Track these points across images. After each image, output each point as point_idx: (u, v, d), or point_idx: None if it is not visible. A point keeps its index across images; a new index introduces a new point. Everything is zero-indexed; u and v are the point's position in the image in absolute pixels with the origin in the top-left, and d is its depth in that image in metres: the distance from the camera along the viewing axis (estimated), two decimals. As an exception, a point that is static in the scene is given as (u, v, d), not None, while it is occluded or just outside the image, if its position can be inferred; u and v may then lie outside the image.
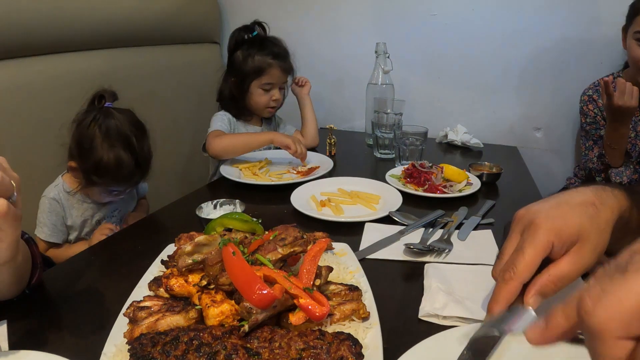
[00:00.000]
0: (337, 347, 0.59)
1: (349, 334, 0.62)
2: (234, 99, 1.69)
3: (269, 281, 0.66)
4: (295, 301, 0.65)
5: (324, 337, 0.61)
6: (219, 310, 0.65)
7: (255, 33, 1.66)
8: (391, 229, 1.05)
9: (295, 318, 0.64)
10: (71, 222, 1.33)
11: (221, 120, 1.64)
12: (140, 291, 0.75)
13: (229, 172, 1.44)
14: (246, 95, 1.67)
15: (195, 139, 1.64)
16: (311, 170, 1.50)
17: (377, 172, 1.52)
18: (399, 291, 0.82)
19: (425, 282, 0.81)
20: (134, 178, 1.27)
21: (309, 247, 0.76)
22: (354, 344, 0.60)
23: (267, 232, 0.83)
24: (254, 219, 0.86)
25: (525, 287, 0.58)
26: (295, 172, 1.49)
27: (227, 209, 1.09)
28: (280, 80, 1.67)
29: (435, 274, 0.82)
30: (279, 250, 0.73)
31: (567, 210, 0.60)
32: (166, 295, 0.73)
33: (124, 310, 0.69)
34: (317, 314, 0.63)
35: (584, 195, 0.61)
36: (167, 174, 1.94)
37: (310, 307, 0.64)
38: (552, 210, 0.59)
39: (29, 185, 1.38)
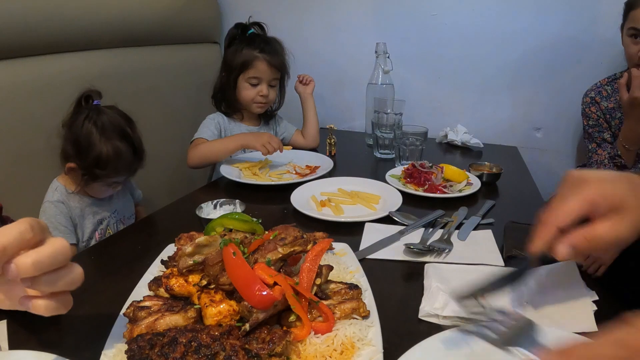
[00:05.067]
0: None
1: None
2: (224, 94, 1.69)
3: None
4: (300, 314, 0.66)
5: None
6: (216, 310, 0.65)
7: (251, 31, 1.66)
8: (391, 229, 1.05)
9: (303, 333, 0.65)
10: (75, 222, 1.33)
11: (208, 125, 1.62)
12: (140, 291, 0.75)
13: (229, 172, 1.44)
14: (235, 90, 1.66)
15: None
16: (311, 170, 1.50)
17: (377, 172, 1.52)
18: (399, 291, 0.82)
19: (425, 282, 0.81)
20: (134, 165, 1.34)
21: (309, 247, 0.76)
22: None
23: (267, 232, 0.83)
24: (254, 219, 0.86)
25: None
26: (295, 172, 1.49)
27: (227, 209, 1.09)
28: (267, 76, 1.63)
29: (435, 274, 0.82)
30: (279, 249, 0.73)
31: (617, 178, 0.62)
32: (166, 295, 0.73)
33: (124, 310, 0.69)
34: (324, 331, 0.65)
35: (632, 175, 0.64)
36: (167, 174, 1.94)
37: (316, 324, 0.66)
38: (603, 175, 0.63)
39: (28, 185, 1.38)
